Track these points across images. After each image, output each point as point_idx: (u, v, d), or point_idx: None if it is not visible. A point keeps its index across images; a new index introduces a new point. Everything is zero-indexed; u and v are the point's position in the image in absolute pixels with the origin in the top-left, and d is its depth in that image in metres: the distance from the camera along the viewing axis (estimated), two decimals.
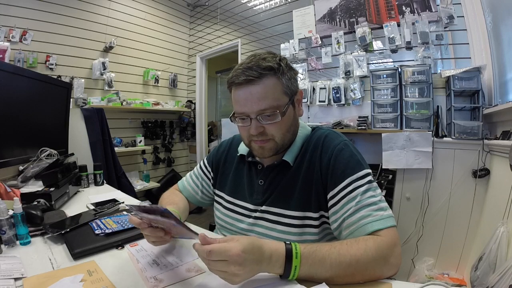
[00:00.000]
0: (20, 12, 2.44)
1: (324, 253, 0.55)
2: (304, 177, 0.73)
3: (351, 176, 0.66)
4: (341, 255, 0.55)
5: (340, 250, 0.56)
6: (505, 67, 1.63)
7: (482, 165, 1.67)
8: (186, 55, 4.02)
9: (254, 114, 0.68)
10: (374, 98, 2.11)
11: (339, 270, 0.55)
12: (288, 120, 0.72)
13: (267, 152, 0.73)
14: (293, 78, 0.73)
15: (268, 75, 0.67)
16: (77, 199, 1.31)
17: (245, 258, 0.49)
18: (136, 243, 0.76)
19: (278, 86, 0.68)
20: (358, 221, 0.62)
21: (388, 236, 0.60)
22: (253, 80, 0.66)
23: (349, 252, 0.56)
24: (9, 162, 1.30)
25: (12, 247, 0.74)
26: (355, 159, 0.69)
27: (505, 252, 1.15)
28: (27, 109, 1.42)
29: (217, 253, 0.49)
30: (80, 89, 2.82)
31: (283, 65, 0.69)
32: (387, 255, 0.57)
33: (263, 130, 0.70)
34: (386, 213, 0.62)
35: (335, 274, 0.55)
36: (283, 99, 0.69)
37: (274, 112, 0.68)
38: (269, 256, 0.53)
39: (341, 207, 0.66)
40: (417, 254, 1.90)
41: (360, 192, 0.64)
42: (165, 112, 3.68)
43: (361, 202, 0.63)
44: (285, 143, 0.75)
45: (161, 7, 3.67)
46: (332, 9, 2.43)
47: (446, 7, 1.87)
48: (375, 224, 0.61)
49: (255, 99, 0.67)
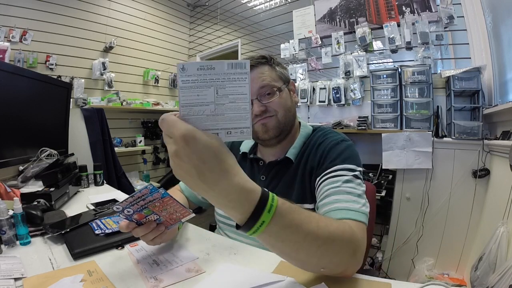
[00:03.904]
0: (20, 12, 2.44)
1: (303, 218, 0.45)
2: (302, 171, 0.76)
3: (339, 165, 0.69)
4: (320, 227, 0.46)
5: (319, 221, 0.48)
6: (505, 67, 1.63)
7: (482, 165, 1.67)
8: (186, 55, 4.02)
9: (255, 94, 0.75)
10: (374, 98, 2.11)
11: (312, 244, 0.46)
12: (286, 100, 0.78)
13: (271, 130, 0.76)
14: (284, 69, 0.82)
15: (262, 63, 0.78)
16: (77, 199, 1.31)
17: (184, 152, 0.37)
18: (136, 243, 0.76)
19: (272, 71, 0.78)
20: (333, 202, 0.62)
21: (360, 230, 0.55)
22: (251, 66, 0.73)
23: (328, 227, 0.48)
24: (9, 162, 1.30)
25: (12, 247, 0.74)
26: (348, 153, 0.72)
27: (505, 252, 1.15)
28: (27, 109, 1.42)
29: (166, 123, 0.40)
30: (80, 89, 2.82)
31: (274, 59, 0.80)
32: (357, 248, 0.52)
33: (266, 109, 0.75)
34: (363, 209, 0.60)
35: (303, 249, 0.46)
36: (278, 81, 0.78)
37: (273, 89, 0.76)
38: (234, 186, 0.39)
39: (322, 187, 0.68)
40: (417, 254, 1.90)
41: (343, 179, 0.65)
42: (165, 112, 3.67)
43: (340, 188, 0.64)
44: (287, 123, 0.78)
45: (161, 7, 3.67)
46: (332, 9, 2.43)
47: (446, 7, 1.87)
48: (350, 213, 0.58)
49: (254, 80, 0.74)
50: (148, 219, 0.61)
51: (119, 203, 0.57)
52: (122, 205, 0.56)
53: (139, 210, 0.58)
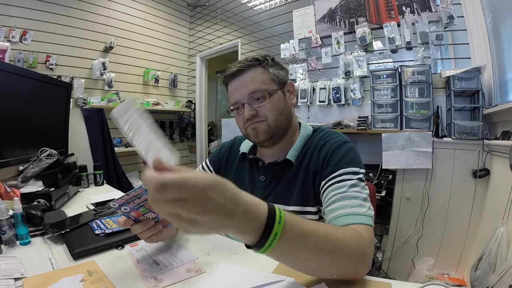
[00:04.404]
0: (20, 12, 2.44)
1: (310, 227, 0.46)
2: (303, 173, 0.76)
3: (344, 169, 0.69)
4: (328, 235, 0.47)
5: (326, 229, 0.49)
6: (505, 67, 1.63)
7: (482, 165, 1.67)
8: (186, 55, 4.02)
9: (246, 99, 0.75)
10: (374, 98, 2.11)
11: (321, 253, 0.47)
12: (278, 104, 0.76)
13: (261, 135, 0.76)
14: (280, 70, 0.80)
15: (255, 65, 0.76)
16: (77, 199, 1.31)
17: (210, 197, 0.35)
18: (136, 243, 0.76)
19: (265, 74, 0.76)
20: (340, 208, 0.63)
21: (367, 233, 0.57)
22: (243, 70, 0.75)
23: (335, 234, 0.49)
24: (9, 162, 1.30)
25: (12, 247, 0.74)
26: (351, 155, 0.72)
27: (505, 252, 1.15)
28: (27, 109, 1.42)
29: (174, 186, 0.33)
30: (80, 89, 2.82)
31: (268, 59, 0.78)
32: (365, 252, 0.53)
33: (256, 113, 0.75)
34: (369, 212, 0.62)
35: (314, 258, 0.47)
36: (271, 85, 0.76)
37: (263, 94, 0.74)
38: (244, 208, 0.39)
39: (328, 193, 0.68)
40: (417, 254, 1.90)
41: (348, 184, 0.66)
42: (165, 112, 3.68)
43: (346, 193, 0.65)
44: (279, 127, 0.76)
45: (161, 7, 3.67)
46: (332, 9, 2.43)
47: (446, 7, 1.87)
48: (357, 217, 0.60)
49: (245, 85, 0.75)
50: (146, 217, 0.61)
51: (116, 200, 0.57)
52: (118, 202, 0.57)
53: (136, 208, 0.58)
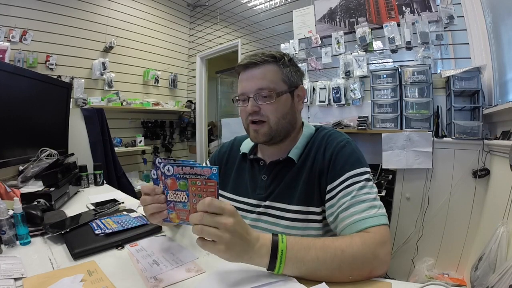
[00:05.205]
0: (20, 12, 2.44)
1: (309, 242, 0.56)
2: (307, 173, 0.75)
3: (350, 171, 0.68)
4: (326, 245, 0.56)
5: (324, 241, 0.57)
6: (505, 67, 1.63)
7: (482, 165, 1.67)
8: (186, 55, 4.02)
9: (252, 93, 0.74)
10: (374, 98, 2.11)
11: (325, 260, 0.54)
12: (284, 106, 0.75)
13: (261, 137, 0.76)
14: (295, 72, 0.78)
15: (270, 61, 0.74)
16: (77, 199, 1.31)
17: (235, 228, 0.49)
18: (136, 243, 0.76)
19: (277, 73, 0.75)
20: (351, 216, 0.63)
21: (378, 233, 0.59)
22: (256, 64, 0.74)
23: (333, 243, 0.56)
24: (9, 162, 1.30)
25: (12, 247, 0.74)
26: (355, 156, 0.71)
27: (505, 252, 1.15)
28: (27, 109, 1.42)
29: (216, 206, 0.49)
30: (80, 89, 2.82)
31: (286, 58, 0.76)
32: (375, 250, 0.56)
33: (259, 110, 0.74)
34: (379, 211, 0.63)
35: (322, 266, 0.54)
36: (280, 85, 0.75)
37: (270, 93, 0.73)
38: (256, 239, 0.53)
39: (337, 201, 0.67)
40: (417, 254, 1.90)
41: (356, 188, 0.66)
42: (165, 112, 3.68)
43: (356, 198, 0.65)
44: (280, 130, 0.75)
45: (161, 7, 3.67)
46: (332, 9, 2.43)
47: (446, 7, 1.87)
48: (368, 221, 0.61)
49: (255, 79, 0.74)
50: (177, 194, 0.55)
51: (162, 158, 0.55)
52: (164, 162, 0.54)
53: (179, 176, 0.53)
